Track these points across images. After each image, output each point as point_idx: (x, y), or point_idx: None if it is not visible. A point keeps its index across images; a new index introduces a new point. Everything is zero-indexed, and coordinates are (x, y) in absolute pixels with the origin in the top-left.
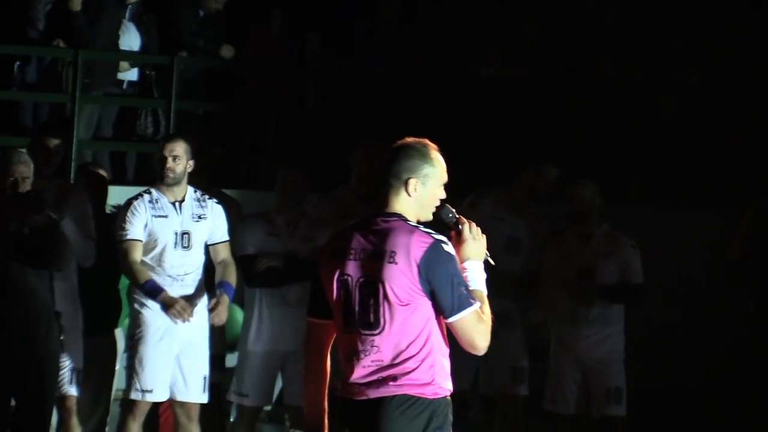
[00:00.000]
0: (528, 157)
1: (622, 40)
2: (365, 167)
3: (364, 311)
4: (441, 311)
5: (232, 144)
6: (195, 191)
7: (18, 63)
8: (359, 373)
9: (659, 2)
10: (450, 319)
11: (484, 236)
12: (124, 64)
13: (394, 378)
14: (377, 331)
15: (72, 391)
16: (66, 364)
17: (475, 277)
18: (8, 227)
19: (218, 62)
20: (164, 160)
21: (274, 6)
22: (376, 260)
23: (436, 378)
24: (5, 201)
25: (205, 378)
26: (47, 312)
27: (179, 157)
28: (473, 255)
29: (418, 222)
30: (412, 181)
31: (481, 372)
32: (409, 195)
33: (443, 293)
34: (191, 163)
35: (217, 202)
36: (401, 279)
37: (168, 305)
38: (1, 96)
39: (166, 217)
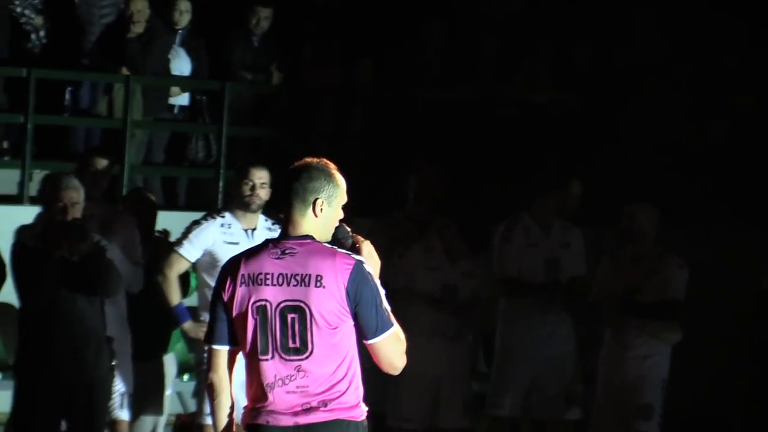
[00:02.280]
0: (581, 184)
1: (671, 65)
2: (420, 191)
3: (287, 336)
4: (364, 332)
5: (281, 169)
6: (266, 219)
7: (70, 88)
8: (283, 400)
9: (709, 27)
10: (372, 341)
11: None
12: (174, 89)
13: (325, 403)
14: (304, 356)
15: (123, 415)
16: (116, 388)
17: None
18: (55, 254)
19: (269, 89)
20: (252, 185)
21: (325, 31)
22: (301, 284)
23: (360, 399)
24: (52, 228)
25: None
26: (97, 337)
27: (266, 184)
28: (374, 274)
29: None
30: (318, 202)
31: (535, 397)
32: (315, 216)
33: (368, 314)
34: (270, 191)
35: None
36: (330, 303)
37: (191, 331)
38: (53, 121)
39: (237, 244)
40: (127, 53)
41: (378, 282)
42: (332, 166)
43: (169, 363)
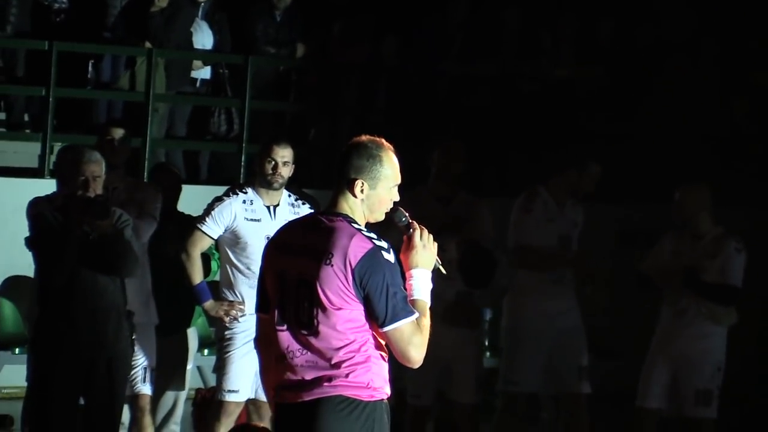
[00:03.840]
0: (601, 160)
1: (696, 42)
2: (443, 167)
3: (299, 309)
4: (374, 319)
5: (304, 144)
6: (290, 195)
7: (92, 61)
8: (292, 373)
9: (734, 4)
10: (383, 329)
11: (436, 244)
12: (197, 63)
13: (329, 379)
14: (311, 331)
15: (145, 389)
16: (139, 362)
17: (420, 286)
18: (76, 229)
19: (292, 63)
20: (275, 164)
21: (354, 7)
22: (313, 259)
23: (372, 381)
24: (74, 203)
25: None
26: (117, 311)
27: (288, 162)
28: (421, 263)
29: (368, 224)
30: (358, 182)
31: (547, 372)
32: (354, 196)
33: (376, 301)
34: (293, 168)
35: (311, 208)
36: (335, 282)
37: (212, 310)
38: (75, 94)
39: (259, 221)
40: (149, 27)
41: (397, 271)
42: (386, 146)
43: (191, 337)
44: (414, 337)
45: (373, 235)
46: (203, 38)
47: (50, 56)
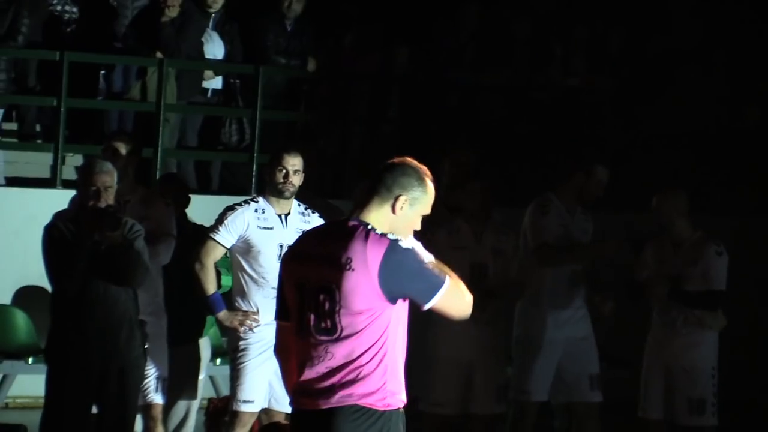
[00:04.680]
0: (610, 168)
1: (706, 51)
2: (453, 177)
3: (320, 317)
4: (419, 302)
5: (313, 152)
6: (299, 205)
7: (103, 72)
8: (311, 381)
9: (743, 13)
10: (429, 305)
11: None
12: (208, 73)
13: (346, 387)
14: (333, 337)
15: (157, 399)
16: (151, 372)
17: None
18: (87, 239)
19: (303, 73)
20: (286, 172)
21: (364, 17)
22: (333, 267)
23: (387, 389)
24: (85, 213)
25: None
26: (129, 320)
27: (299, 171)
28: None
29: None
30: (401, 198)
31: (557, 380)
32: (393, 212)
33: (416, 285)
34: (303, 176)
35: (320, 216)
36: (359, 286)
37: (226, 320)
38: (87, 105)
39: (271, 229)
40: (160, 37)
41: (416, 253)
42: (428, 174)
43: (204, 347)
44: (458, 295)
45: (384, 232)
46: (214, 48)
47: (62, 66)
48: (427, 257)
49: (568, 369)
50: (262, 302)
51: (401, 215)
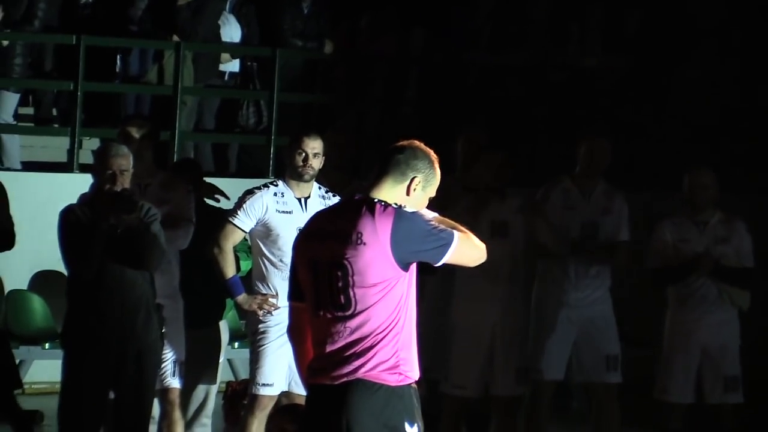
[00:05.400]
0: (631, 149)
1: (724, 31)
2: (467, 155)
3: (334, 293)
4: (432, 261)
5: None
6: (320, 188)
7: (120, 55)
8: (327, 357)
9: None
10: (443, 261)
11: None
12: (225, 56)
13: (362, 362)
14: (348, 313)
15: (175, 383)
16: (168, 356)
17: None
18: (103, 223)
19: (320, 55)
20: (305, 156)
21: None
22: (344, 242)
23: (401, 364)
24: (101, 197)
25: None
26: (146, 304)
27: (319, 154)
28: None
29: None
30: (416, 180)
31: (574, 361)
32: (407, 193)
33: (426, 247)
34: (323, 159)
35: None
36: (372, 259)
37: (245, 303)
38: (103, 89)
39: (290, 213)
40: (177, 20)
41: (421, 215)
42: (436, 158)
43: (223, 330)
44: (468, 246)
45: (385, 201)
46: (231, 31)
47: (78, 50)
48: (432, 216)
49: (585, 349)
50: (281, 285)
51: (414, 196)
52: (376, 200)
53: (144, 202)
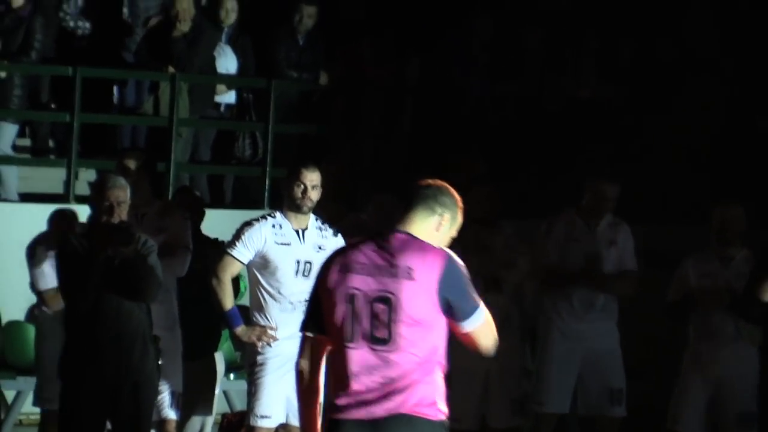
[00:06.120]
0: (626, 178)
1: (719, 60)
2: (460, 184)
3: (375, 326)
4: (459, 320)
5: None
6: (317, 219)
7: (116, 86)
8: (364, 389)
9: (755, 20)
10: (467, 328)
11: None
12: (221, 87)
13: (402, 396)
14: (390, 347)
15: (171, 414)
16: (165, 387)
17: None
18: (100, 255)
19: (316, 86)
20: (304, 188)
21: (376, 28)
22: (392, 276)
23: (437, 399)
24: (99, 228)
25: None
26: (143, 336)
27: (317, 186)
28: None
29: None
30: (445, 217)
31: (579, 394)
32: (436, 229)
33: (460, 300)
34: (320, 191)
35: (336, 233)
36: (419, 296)
37: (244, 335)
38: (100, 120)
39: (288, 244)
40: (173, 51)
41: (465, 271)
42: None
43: (218, 362)
44: (488, 326)
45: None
46: (227, 62)
47: (74, 82)
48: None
49: (589, 382)
50: (280, 317)
51: (441, 233)
52: (422, 239)
53: (141, 233)
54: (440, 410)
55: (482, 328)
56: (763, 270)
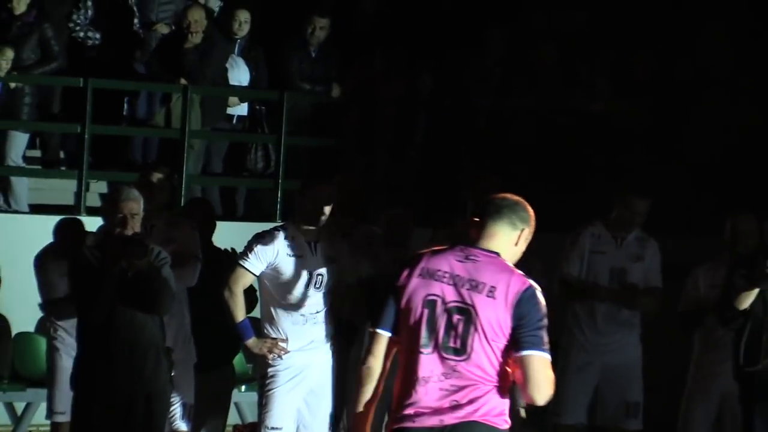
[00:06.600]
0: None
1: (734, 76)
2: (477, 201)
3: (450, 335)
4: (517, 344)
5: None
6: (329, 232)
7: (127, 98)
8: (433, 395)
9: None
10: (523, 353)
11: None
12: (233, 99)
13: (477, 407)
14: (462, 358)
15: (183, 426)
16: (177, 399)
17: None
18: (114, 267)
19: (328, 98)
20: (321, 203)
21: (387, 41)
22: (473, 290)
23: (505, 411)
24: (112, 240)
25: (331, 415)
26: (156, 348)
27: (329, 200)
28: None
29: None
30: (525, 233)
31: (597, 406)
32: (515, 244)
33: (526, 329)
34: (332, 204)
35: (348, 245)
36: (496, 314)
37: (255, 347)
38: (111, 131)
39: (301, 257)
40: (184, 63)
41: (546, 313)
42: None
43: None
44: (548, 371)
45: (499, 251)
46: (239, 74)
47: (85, 93)
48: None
49: (606, 395)
50: (291, 329)
51: (519, 247)
52: (509, 264)
53: (154, 245)
54: (506, 421)
55: (539, 366)
56: (739, 278)
